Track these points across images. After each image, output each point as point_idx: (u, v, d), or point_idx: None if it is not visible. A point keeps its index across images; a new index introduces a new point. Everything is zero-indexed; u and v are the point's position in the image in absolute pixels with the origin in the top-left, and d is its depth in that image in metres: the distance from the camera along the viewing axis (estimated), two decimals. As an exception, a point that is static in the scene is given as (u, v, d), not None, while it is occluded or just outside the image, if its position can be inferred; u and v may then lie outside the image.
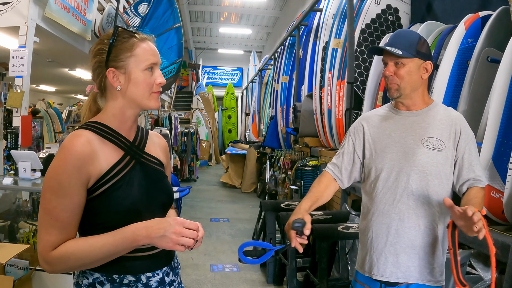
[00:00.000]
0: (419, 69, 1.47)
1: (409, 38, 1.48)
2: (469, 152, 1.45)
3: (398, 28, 3.82)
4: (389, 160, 1.49)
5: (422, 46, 1.47)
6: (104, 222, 1.03)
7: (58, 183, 0.98)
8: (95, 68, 1.10)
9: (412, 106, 1.53)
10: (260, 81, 10.63)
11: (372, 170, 1.53)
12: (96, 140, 1.05)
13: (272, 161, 6.67)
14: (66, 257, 0.97)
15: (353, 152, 1.59)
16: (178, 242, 0.98)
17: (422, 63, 1.47)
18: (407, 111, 1.53)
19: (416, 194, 1.44)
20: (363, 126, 1.59)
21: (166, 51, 5.49)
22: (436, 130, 1.46)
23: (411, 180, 1.44)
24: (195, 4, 12.75)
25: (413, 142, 1.46)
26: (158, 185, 1.15)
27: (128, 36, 1.08)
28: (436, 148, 1.44)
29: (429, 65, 1.48)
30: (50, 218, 0.98)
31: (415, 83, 1.48)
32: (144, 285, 1.08)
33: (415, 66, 1.46)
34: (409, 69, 1.45)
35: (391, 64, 1.47)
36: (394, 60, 1.46)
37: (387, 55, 1.49)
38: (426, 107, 1.52)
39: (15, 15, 3.53)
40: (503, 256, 1.77)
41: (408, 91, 1.48)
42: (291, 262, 3.05)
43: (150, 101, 1.10)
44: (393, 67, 1.47)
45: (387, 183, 1.48)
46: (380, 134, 1.54)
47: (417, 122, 1.50)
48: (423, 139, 1.46)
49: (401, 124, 1.52)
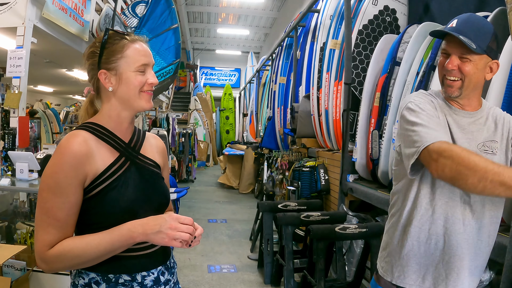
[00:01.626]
0: (485, 67, 1.26)
1: (482, 29, 1.24)
2: None
3: (395, 29, 3.83)
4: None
5: (494, 42, 1.25)
6: (100, 222, 1.04)
7: (55, 182, 0.99)
8: (89, 71, 1.13)
9: (467, 106, 1.32)
10: (258, 82, 10.63)
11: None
12: (93, 141, 1.06)
13: (270, 162, 6.67)
14: (63, 255, 0.98)
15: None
16: (174, 237, 0.99)
17: (490, 61, 1.26)
18: (462, 110, 1.32)
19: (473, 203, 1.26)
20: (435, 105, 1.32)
21: (163, 52, 5.49)
22: (491, 133, 1.30)
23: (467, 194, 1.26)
24: (193, 5, 12.76)
25: (469, 146, 1.27)
26: (154, 186, 1.16)
27: (119, 38, 1.10)
28: (494, 152, 1.27)
29: (495, 65, 1.27)
30: (47, 217, 0.99)
31: (478, 82, 1.27)
32: (139, 284, 1.09)
33: (482, 64, 1.25)
34: (476, 66, 1.23)
35: (455, 57, 1.24)
36: (460, 53, 1.24)
37: (453, 45, 1.25)
38: (479, 109, 1.33)
39: (13, 16, 3.53)
40: (500, 257, 1.78)
41: (469, 91, 1.28)
42: (288, 263, 3.05)
43: (141, 100, 1.11)
44: (458, 61, 1.24)
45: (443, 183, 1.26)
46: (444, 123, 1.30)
47: (473, 124, 1.31)
48: (479, 144, 1.28)
49: (456, 123, 1.30)
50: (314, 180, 4.24)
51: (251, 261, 4.10)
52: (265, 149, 7.51)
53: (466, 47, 1.21)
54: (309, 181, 4.26)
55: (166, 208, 1.22)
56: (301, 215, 3.15)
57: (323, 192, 4.11)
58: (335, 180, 3.92)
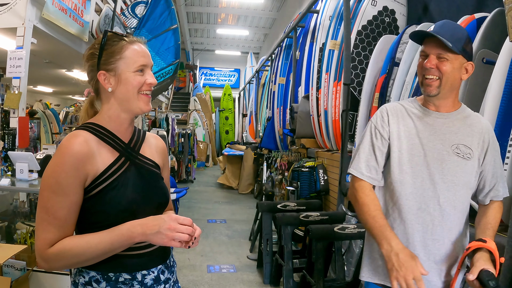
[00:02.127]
0: (461, 68, 1.34)
1: (457, 32, 1.33)
2: (494, 163, 1.38)
3: (394, 30, 3.84)
4: (415, 164, 1.36)
5: (468, 44, 1.34)
6: (100, 221, 1.05)
7: (56, 181, 1.00)
8: (88, 72, 1.14)
9: (442, 107, 1.40)
10: (257, 82, 10.64)
11: (395, 170, 1.38)
12: (93, 141, 1.07)
13: (269, 162, 6.68)
14: (63, 254, 0.99)
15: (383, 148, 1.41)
16: (173, 238, 1.00)
17: (465, 63, 1.34)
18: (436, 112, 1.40)
19: (443, 205, 1.34)
20: (389, 118, 1.42)
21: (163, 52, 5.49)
22: (466, 137, 1.36)
23: (438, 189, 1.34)
24: (193, 6, 12.76)
25: (442, 147, 1.35)
26: (153, 186, 1.17)
27: (118, 39, 1.11)
28: (465, 157, 1.34)
29: (470, 66, 1.35)
30: (48, 216, 1.00)
31: (455, 82, 1.35)
32: (139, 283, 1.10)
33: (458, 63, 1.33)
34: (452, 65, 1.32)
35: (433, 56, 1.33)
36: (438, 53, 1.32)
37: (431, 46, 1.33)
38: (455, 110, 1.40)
39: (13, 16, 3.53)
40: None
41: (446, 90, 1.35)
42: (287, 262, 3.06)
43: (139, 102, 1.12)
44: (435, 60, 1.32)
45: (411, 189, 1.36)
46: (408, 134, 1.39)
47: (446, 125, 1.38)
48: (453, 145, 1.35)
49: (430, 124, 1.39)
50: (313, 180, 4.25)
51: (251, 261, 4.11)
52: (265, 150, 7.52)
53: (443, 47, 1.30)
54: (308, 182, 4.27)
55: (165, 208, 1.23)
56: (300, 215, 3.16)
57: (322, 192, 4.12)
58: (334, 181, 3.93)
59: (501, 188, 1.39)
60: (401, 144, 1.38)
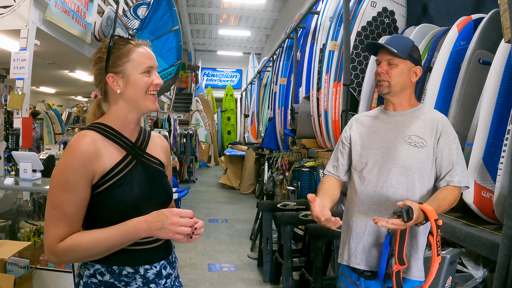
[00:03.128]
0: (409, 71, 1.57)
1: (403, 41, 1.59)
2: (449, 151, 1.51)
3: (394, 30, 3.87)
4: (372, 155, 1.58)
5: (415, 52, 1.58)
6: (107, 217, 1.10)
7: (65, 179, 1.04)
8: (96, 75, 1.18)
9: (398, 106, 1.63)
10: (259, 83, 10.67)
11: (357, 165, 1.63)
12: (101, 140, 1.12)
13: (270, 163, 6.71)
14: (72, 249, 1.04)
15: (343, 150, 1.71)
16: (176, 232, 1.04)
17: (413, 67, 1.58)
18: (394, 111, 1.64)
19: (396, 187, 1.52)
20: (352, 125, 1.71)
21: (165, 53, 5.53)
22: (419, 129, 1.55)
23: (391, 174, 1.53)
24: (194, 6, 12.80)
25: (396, 138, 1.56)
26: (158, 183, 1.22)
27: (124, 42, 1.16)
28: (418, 145, 1.52)
29: (419, 70, 1.59)
30: (57, 212, 1.05)
31: (404, 83, 1.58)
32: (142, 277, 1.14)
33: (406, 68, 1.56)
34: (401, 69, 1.56)
35: (385, 63, 1.57)
36: (388, 60, 1.56)
37: (382, 54, 1.59)
38: (411, 109, 1.62)
39: (16, 18, 3.58)
40: (493, 255, 1.81)
41: (398, 90, 1.58)
42: (286, 261, 3.10)
43: (147, 102, 1.17)
44: (386, 66, 1.57)
45: (369, 176, 1.58)
46: (367, 132, 1.65)
47: (401, 121, 1.60)
48: (405, 136, 1.55)
49: (387, 122, 1.63)
50: (314, 180, 4.28)
51: (251, 260, 4.15)
52: (266, 150, 7.55)
53: (392, 55, 1.55)
54: (308, 181, 4.30)
55: (168, 205, 1.27)
56: (300, 214, 3.19)
57: (323, 192, 4.14)
58: (334, 180, 3.95)
59: (456, 175, 1.49)
60: (362, 143, 1.64)
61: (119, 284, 1.12)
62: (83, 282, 1.13)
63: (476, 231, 1.96)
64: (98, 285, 1.11)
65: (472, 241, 1.96)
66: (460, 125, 2.39)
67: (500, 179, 1.93)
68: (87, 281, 1.12)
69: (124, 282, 1.12)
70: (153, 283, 1.16)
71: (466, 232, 1.99)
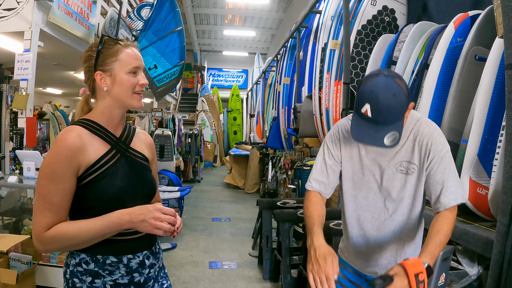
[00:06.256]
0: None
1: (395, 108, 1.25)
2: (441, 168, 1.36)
3: (394, 29, 3.86)
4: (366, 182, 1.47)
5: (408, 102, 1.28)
6: (92, 208, 1.14)
7: (52, 171, 1.10)
8: (85, 72, 1.24)
9: None
10: (264, 82, 10.70)
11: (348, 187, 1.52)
12: (86, 135, 1.17)
13: (274, 162, 6.73)
14: (58, 237, 1.09)
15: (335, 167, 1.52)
16: (156, 227, 1.10)
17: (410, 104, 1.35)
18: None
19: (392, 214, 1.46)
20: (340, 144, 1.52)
21: (168, 53, 5.58)
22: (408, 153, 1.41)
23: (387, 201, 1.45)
24: (199, 7, 12.87)
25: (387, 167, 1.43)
26: (142, 176, 1.26)
27: (113, 43, 1.22)
28: (409, 172, 1.41)
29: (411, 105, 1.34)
30: (44, 202, 1.09)
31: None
32: (125, 266, 1.19)
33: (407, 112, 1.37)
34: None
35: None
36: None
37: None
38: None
39: (20, 20, 3.65)
40: (488, 252, 1.81)
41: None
42: (285, 258, 3.11)
43: (133, 100, 1.23)
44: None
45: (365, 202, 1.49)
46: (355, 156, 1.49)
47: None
48: (396, 163, 1.42)
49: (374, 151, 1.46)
50: (315, 178, 4.28)
51: (252, 258, 4.17)
52: (270, 149, 7.57)
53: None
54: (309, 180, 4.31)
55: (152, 198, 1.32)
56: (298, 211, 3.20)
57: (324, 191, 4.14)
58: (335, 179, 3.95)
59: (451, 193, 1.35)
60: (354, 166, 1.49)
61: (103, 273, 1.16)
62: (69, 271, 1.18)
63: (471, 228, 1.96)
64: (83, 274, 1.16)
65: (467, 239, 1.96)
66: (456, 121, 2.39)
67: (495, 175, 1.93)
68: (73, 270, 1.17)
69: (108, 270, 1.17)
70: (136, 272, 1.21)
71: (461, 229, 1.99)
